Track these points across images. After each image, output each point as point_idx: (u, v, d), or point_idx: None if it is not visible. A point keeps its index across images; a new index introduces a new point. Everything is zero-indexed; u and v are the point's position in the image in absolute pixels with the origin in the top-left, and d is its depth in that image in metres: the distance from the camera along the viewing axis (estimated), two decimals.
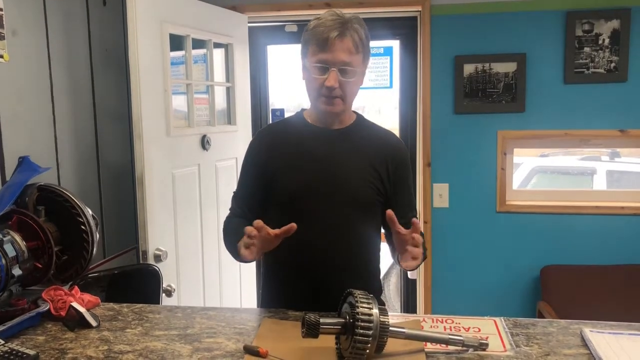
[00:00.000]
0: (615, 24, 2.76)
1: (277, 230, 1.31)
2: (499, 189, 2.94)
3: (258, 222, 1.30)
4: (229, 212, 1.63)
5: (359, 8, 2.86)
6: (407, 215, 1.60)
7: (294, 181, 1.52)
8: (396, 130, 3.20)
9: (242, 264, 2.94)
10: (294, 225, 1.30)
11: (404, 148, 1.65)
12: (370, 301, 1.14)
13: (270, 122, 3.29)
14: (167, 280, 2.31)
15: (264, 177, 1.54)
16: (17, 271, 1.42)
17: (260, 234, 1.31)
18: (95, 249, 1.62)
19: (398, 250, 1.40)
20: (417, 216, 1.75)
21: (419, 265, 1.51)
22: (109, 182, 2.66)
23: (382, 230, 1.62)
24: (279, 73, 3.86)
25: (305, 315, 1.13)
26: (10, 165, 1.96)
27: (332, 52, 1.44)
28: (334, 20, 1.45)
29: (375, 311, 1.12)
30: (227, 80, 2.94)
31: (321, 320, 1.13)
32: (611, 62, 2.78)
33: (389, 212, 1.33)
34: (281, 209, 1.54)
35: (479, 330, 1.33)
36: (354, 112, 1.63)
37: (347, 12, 1.50)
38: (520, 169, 4.78)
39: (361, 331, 1.09)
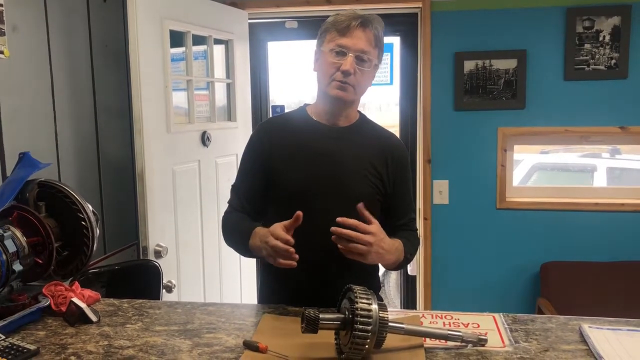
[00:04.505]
0: (615, 20, 2.75)
1: (286, 224, 1.34)
2: (499, 186, 2.94)
3: (283, 236, 1.32)
4: (227, 205, 1.63)
5: (359, 4, 2.86)
6: (406, 215, 1.62)
7: (295, 177, 1.52)
8: (396, 127, 3.20)
9: (242, 259, 2.97)
10: (300, 213, 1.32)
11: (404, 149, 1.66)
12: (369, 297, 1.14)
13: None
14: (168, 276, 2.32)
15: (265, 171, 1.54)
16: (17, 267, 1.42)
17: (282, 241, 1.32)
18: (95, 245, 1.62)
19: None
20: (416, 216, 1.76)
21: (397, 268, 1.53)
22: (110, 178, 2.66)
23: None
24: (280, 69, 3.86)
25: (305, 311, 1.13)
26: (10, 161, 1.97)
27: (351, 38, 1.45)
28: (355, 15, 1.48)
29: (374, 307, 1.12)
30: (228, 76, 2.94)
31: (320, 315, 1.13)
32: (612, 58, 2.77)
33: (360, 205, 1.35)
34: (281, 204, 1.53)
35: (478, 326, 1.33)
36: (358, 111, 1.63)
37: (350, 8, 1.52)
38: (520, 165, 4.77)
39: (360, 326, 1.09)
